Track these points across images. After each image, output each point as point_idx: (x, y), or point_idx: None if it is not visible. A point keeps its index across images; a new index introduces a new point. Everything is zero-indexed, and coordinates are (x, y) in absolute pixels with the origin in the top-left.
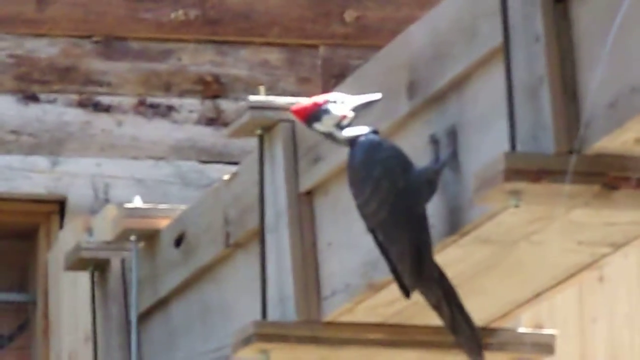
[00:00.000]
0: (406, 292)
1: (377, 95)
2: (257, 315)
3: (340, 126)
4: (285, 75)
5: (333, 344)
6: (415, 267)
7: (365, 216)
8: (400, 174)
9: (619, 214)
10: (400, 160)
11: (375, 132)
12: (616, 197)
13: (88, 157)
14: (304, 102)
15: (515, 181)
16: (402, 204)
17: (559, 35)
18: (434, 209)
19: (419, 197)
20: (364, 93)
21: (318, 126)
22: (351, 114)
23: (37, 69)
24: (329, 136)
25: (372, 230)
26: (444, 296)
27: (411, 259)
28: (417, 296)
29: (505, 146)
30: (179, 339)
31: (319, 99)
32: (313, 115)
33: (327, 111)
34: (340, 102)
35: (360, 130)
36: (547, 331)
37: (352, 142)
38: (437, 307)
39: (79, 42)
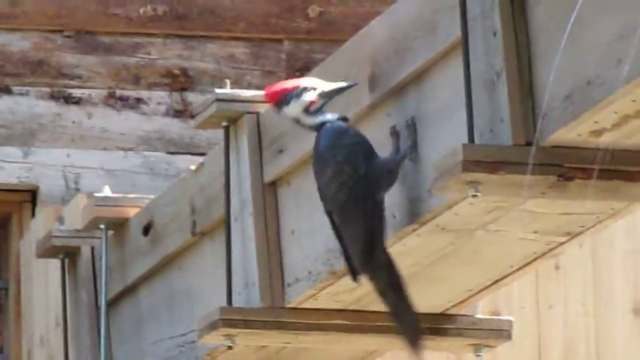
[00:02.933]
0: (354, 276)
1: (345, 83)
2: (223, 302)
3: (308, 112)
4: (250, 69)
5: (296, 329)
6: (366, 252)
7: (324, 198)
8: (362, 161)
9: (574, 204)
10: (364, 148)
11: (344, 119)
12: (571, 187)
13: (59, 148)
14: (276, 86)
15: (473, 172)
16: (360, 190)
17: (516, 30)
18: (394, 199)
19: (379, 186)
20: (329, 82)
21: (286, 110)
22: (320, 100)
23: (10, 62)
24: (297, 121)
25: (329, 213)
26: (391, 283)
27: (363, 243)
28: None
29: (464, 138)
30: (147, 325)
31: (289, 83)
32: (282, 99)
33: (296, 96)
34: (312, 88)
35: (328, 116)
36: (504, 317)
37: (319, 127)
38: (383, 294)
39: (51, 37)
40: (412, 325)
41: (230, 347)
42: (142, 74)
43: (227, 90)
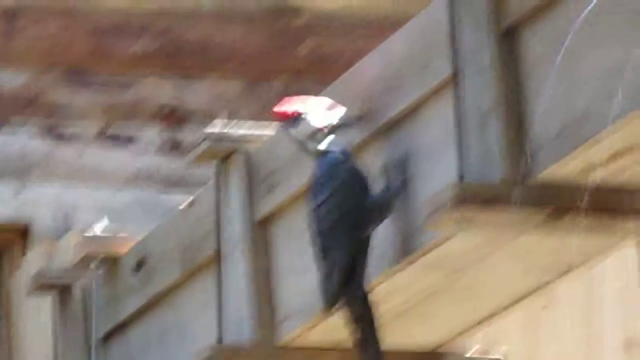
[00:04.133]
0: (328, 304)
1: (356, 118)
2: (214, 339)
3: (314, 138)
4: (242, 107)
5: None
6: (343, 282)
7: (312, 220)
8: (356, 194)
9: (565, 240)
10: (360, 182)
11: (345, 151)
12: (562, 224)
13: (51, 185)
14: (287, 105)
15: (464, 209)
16: (348, 222)
17: (507, 67)
18: (385, 235)
19: (368, 222)
20: (339, 112)
21: (293, 132)
22: (327, 130)
23: (1, 99)
24: (300, 144)
25: (313, 237)
26: (362, 317)
27: (340, 273)
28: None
29: (455, 175)
30: None
31: (301, 107)
32: (292, 120)
33: (305, 120)
34: (321, 114)
35: (331, 145)
36: (494, 356)
37: (321, 154)
38: (352, 325)
39: (43, 74)
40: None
41: None
42: (134, 111)
43: (218, 128)
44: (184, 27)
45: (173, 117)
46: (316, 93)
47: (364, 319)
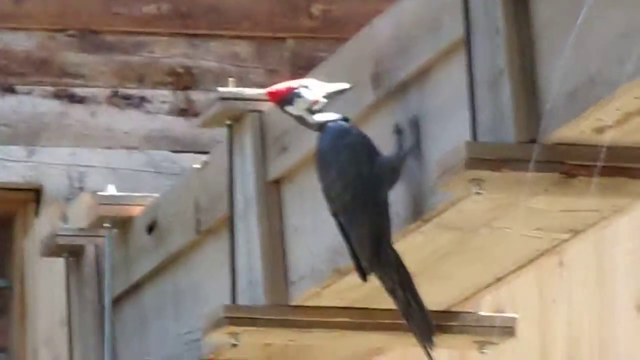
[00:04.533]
0: (363, 276)
1: (347, 85)
2: (227, 300)
3: (311, 111)
4: (254, 68)
5: (301, 327)
6: (373, 252)
7: (329, 199)
8: (365, 160)
9: (578, 201)
10: (367, 148)
11: (345, 119)
12: (575, 185)
13: (63, 146)
14: (279, 85)
15: (477, 169)
16: (365, 190)
17: (519, 28)
18: (398, 196)
19: (382, 184)
20: (330, 83)
21: (290, 109)
22: (323, 100)
23: (14, 61)
24: (300, 120)
25: (334, 214)
26: (400, 282)
27: (370, 243)
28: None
29: (467, 136)
30: (151, 323)
31: (293, 83)
32: (286, 98)
33: (299, 95)
34: (313, 88)
35: (330, 116)
36: (507, 315)
37: (321, 126)
38: (392, 292)
39: (54, 36)
40: (424, 323)
41: (234, 345)
42: (145, 73)
43: (230, 89)
44: None
45: (185, 78)
46: (327, 54)
47: (402, 283)
